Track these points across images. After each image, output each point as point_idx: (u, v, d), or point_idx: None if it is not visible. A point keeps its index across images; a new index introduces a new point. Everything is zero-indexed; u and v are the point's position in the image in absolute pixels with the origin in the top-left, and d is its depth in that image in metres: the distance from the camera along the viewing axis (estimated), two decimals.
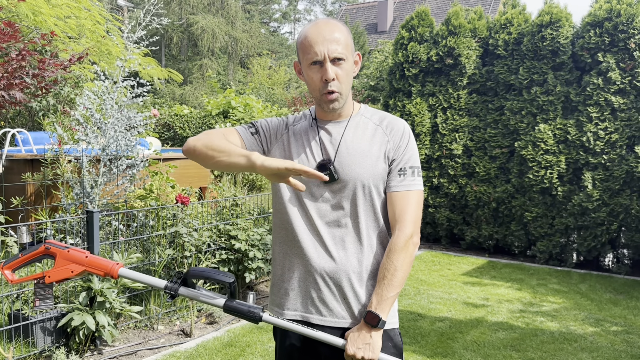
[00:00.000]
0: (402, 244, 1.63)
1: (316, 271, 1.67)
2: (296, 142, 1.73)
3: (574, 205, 6.35)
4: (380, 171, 1.68)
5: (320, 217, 1.67)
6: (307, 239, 1.68)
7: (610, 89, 6.12)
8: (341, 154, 1.68)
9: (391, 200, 1.68)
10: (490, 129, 6.93)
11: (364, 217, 1.66)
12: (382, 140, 1.71)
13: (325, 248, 1.67)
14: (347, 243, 1.67)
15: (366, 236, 1.67)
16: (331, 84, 1.61)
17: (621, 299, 5.33)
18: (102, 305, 3.77)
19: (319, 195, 1.67)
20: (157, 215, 4.46)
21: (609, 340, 4.24)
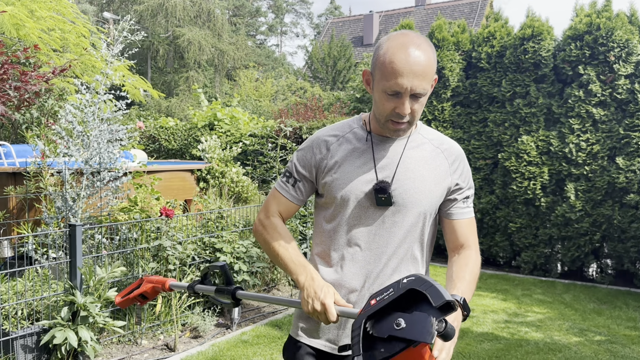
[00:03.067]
0: (478, 260, 1.62)
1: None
2: (346, 162, 1.61)
3: (558, 216, 6.41)
4: (437, 199, 1.61)
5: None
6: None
7: (592, 101, 6.22)
8: (399, 177, 1.58)
9: (457, 226, 1.63)
10: (474, 141, 7.00)
11: (411, 244, 1.59)
12: (443, 167, 1.62)
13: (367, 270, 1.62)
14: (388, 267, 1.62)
15: (410, 261, 1.60)
16: (405, 117, 1.52)
17: (605, 309, 5.37)
18: (85, 320, 3.72)
19: (368, 218, 1.60)
20: (141, 228, 4.42)
21: (592, 350, 4.27)
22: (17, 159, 6.59)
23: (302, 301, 1.48)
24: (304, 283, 1.50)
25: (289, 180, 1.69)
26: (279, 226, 1.66)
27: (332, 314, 1.41)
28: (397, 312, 1.21)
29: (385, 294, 1.23)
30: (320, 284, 1.48)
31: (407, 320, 1.18)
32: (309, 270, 1.54)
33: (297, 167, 1.67)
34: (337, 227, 1.61)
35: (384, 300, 1.22)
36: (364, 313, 1.22)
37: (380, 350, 1.18)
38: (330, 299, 1.43)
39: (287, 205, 1.70)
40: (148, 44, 29.24)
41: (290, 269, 1.58)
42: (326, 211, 1.64)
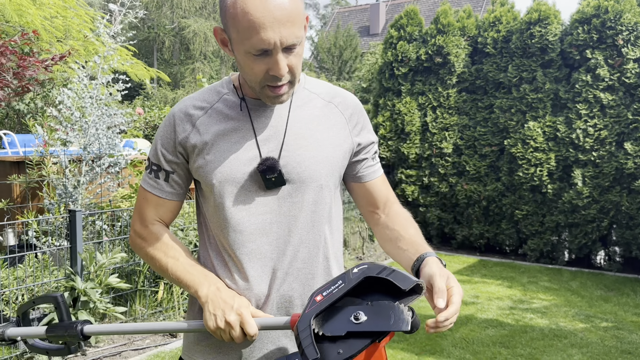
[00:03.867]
0: (403, 209, 1.43)
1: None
2: (219, 140, 1.28)
3: (564, 203, 6.33)
4: (340, 165, 1.34)
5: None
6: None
7: (599, 86, 6.12)
8: (289, 148, 1.28)
9: (374, 187, 1.42)
10: (480, 127, 6.91)
11: (319, 226, 1.31)
12: (339, 124, 1.35)
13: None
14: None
15: (322, 247, 1.33)
16: (283, 78, 1.20)
17: (612, 296, 5.30)
18: (85, 305, 3.71)
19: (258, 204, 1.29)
20: None
21: (599, 336, 4.21)
22: (20, 148, 6.60)
23: (207, 318, 1.20)
24: (208, 295, 1.22)
25: (159, 174, 1.33)
26: (161, 234, 1.34)
27: (252, 326, 1.16)
28: (350, 307, 1.06)
29: (333, 287, 1.07)
30: (230, 293, 1.22)
31: (368, 312, 1.04)
32: (211, 279, 1.26)
33: (165, 155, 1.32)
34: (224, 221, 1.28)
35: (334, 294, 1.06)
36: (311, 311, 1.04)
37: (338, 352, 1.00)
38: (246, 308, 1.19)
39: (166, 206, 1.35)
40: (154, 36, 29.22)
41: (187, 282, 1.27)
42: (207, 202, 1.32)
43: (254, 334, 1.17)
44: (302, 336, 1.02)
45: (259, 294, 1.27)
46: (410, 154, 7.36)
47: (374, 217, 1.44)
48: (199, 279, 1.27)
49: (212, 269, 1.32)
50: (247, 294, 1.27)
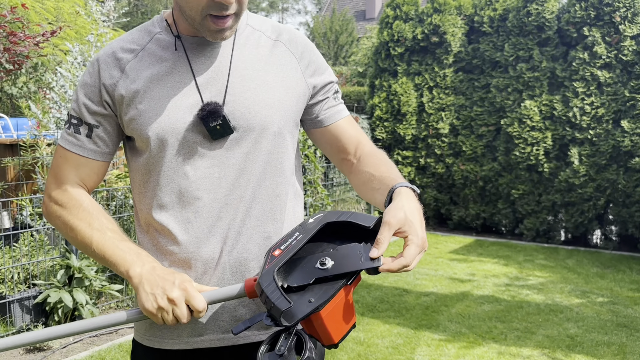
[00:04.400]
0: (377, 148, 1.27)
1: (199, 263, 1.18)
2: (153, 86, 1.13)
3: (561, 182, 6.33)
4: (293, 110, 1.20)
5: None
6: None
7: (596, 64, 6.09)
8: (234, 91, 1.14)
9: (340, 130, 1.26)
10: (477, 107, 6.88)
11: (273, 179, 1.18)
12: (290, 64, 1.20)
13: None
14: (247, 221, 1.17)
15: (278, 205, 1.19)
16: (230, 6, 1.05)
17: (608, 272, 5.32)
18: (80, 283, 3.70)
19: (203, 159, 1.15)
20: None
21: (594, 310, 4.23)
22: (14, 131, 6.55)
23: (143, 300, 1.02)
24: (142, 274, 1.05)
25: (80, 129, 1.15)
26: (83, 200, 1.15)
27: (199, 300, 1.02)
28: (313, 255, 1.00)
29: (290, 240, 1.00)
30: (167, 270, 1.07)
31: (334, 256, 0.97)
32: (144, 257, 1.09)
33: (88, 106, 1.14)
34: (163, 179, 1.13)
35: (293, 246, 0.98)
36: (272, 265, 0.96)
37: (309, 301, 0.93)
38: (189, 282, 1.04)
39: (89, 166, 1.16)
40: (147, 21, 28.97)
41: (115, 260, 1.08)
42: (141, 159, 1.16)
43: (203, 309, 1.02)
44: (268, 291, 0.93)
45: (208, 258, 1.12)
46: (407, 135, 7.33)
47: (347, 164, 1.28)
48: (131, 256, 1.08)
49: (151, 237, 1.17)
50: (195, 259, 1.13)
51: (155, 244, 1.16)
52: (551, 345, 3.57)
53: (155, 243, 1.16)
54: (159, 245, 1.16)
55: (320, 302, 0.92)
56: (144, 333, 1.19)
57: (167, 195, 1.13)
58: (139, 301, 1.04)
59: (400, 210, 1.02)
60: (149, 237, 1.17)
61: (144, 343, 1.20)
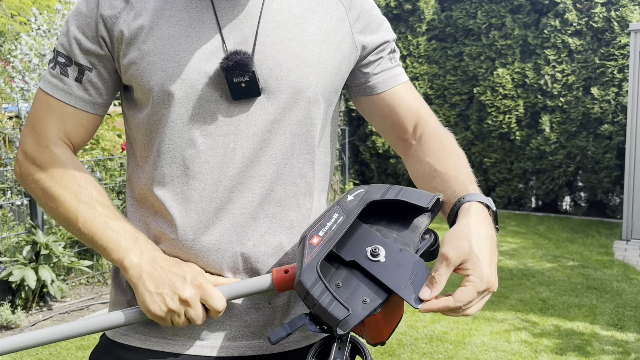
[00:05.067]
0: (450, 133, 1.03)
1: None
2: (163, 22, 0.89)
3: (532, 149, 6.39)
4: (337, 73, 0.96)
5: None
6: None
7: (567, 31, 6.10)
8: (264, 40, 0.90)
9: (397, 98, 1.01)
10: (450, 76, 6.86)
11: (301, 160, 0.94)
12: (337, 14, 0.96)
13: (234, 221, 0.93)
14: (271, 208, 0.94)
15: (303, 192, 0.96)
16: None
17: (578, 237, 5.42)
18: (48, 259, 3.59)
19: (220, 126, 0.91)
20: (104, 167, 4.25)
21: (565, 274, 4.30)
22: None
23: (147, 302, 0.84)
24: (141, 266, 0.86)
25: (69, 70, 0.92)
26: (68, 163, 0.92)
27: (218, 298, 0.84)
28: (357, 236, 0.83)
29: (329, 224, 0.83)
30: (172, 261, 0.88)
31: (388, 251, 0.80)
32: (142, 244, 0.89)
33: (80, 42, 0.91)
34: (164, 145, 0.91)
35: (335, 233, 0.81)
36: (313, 258, 0.79)
37: (364, 301, 0.77)
38: (203, 276, 0.87)
39: (76, 118, 0.94)
40: None
41: (106, 243, 0.88)
42: (141, 115, 0.93)
43: (222, 309, 0.85)
44: (316, 293, 0.76)
45: (212, 249, 0.90)
46: None
47: (403, 144, 1.04)
48: (126, 241, 0.88)
49: (144, 214, 0.95)
50: (195, 249, 0.90)
51: (148, 225, 0.94)
52: (524, 309, 3.63)
53: (147, 223, 0.94)
54: (151, 227, 0.93)
55: (378, 304, 0.77)
56: (128, 335, 0.94)
57: (167, 165, 0.90)
58: (140, 302, 0.85)
59: (465, 241, 0.80)
60: (142, 214, 0.95)
61: (122, 341, 0.94)
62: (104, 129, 4.34)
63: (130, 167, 0.98)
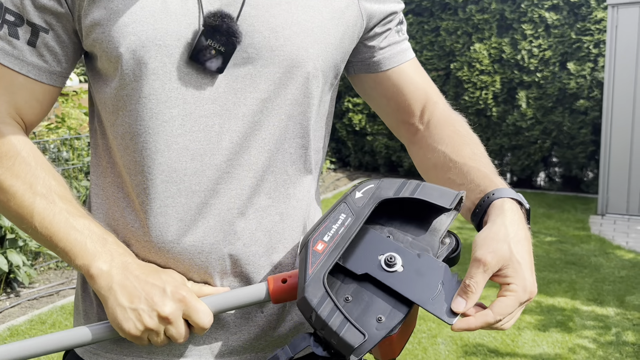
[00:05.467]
0: (453, 111, 0.93)
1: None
2: None
3: (509, 125, 6.38)
4: (340, 44, 0.82)
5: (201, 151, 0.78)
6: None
7: (544, 5, 6.05)
8: (256, 2, 0.76)
9: (404, 76, 0.89)
10: (427, 51, 6.77)
11: (293, 144, 0.81)
12: None
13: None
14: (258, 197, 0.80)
15: (295, 179, 0.83)
16: None
17: (554, 213, 5.45)
18: (14, 244, 3.42)
19: (199, 102, 0.76)
20: (71, 146, 4.06)
21: (544, 249, 4.31)
22: None
23: (120, 318, 0.71)
24: (112, 276, 0.72)
25: (19, 31, 0.76)
26: (20, 146, 0.78)
27: (204, 313, 0.72)
28: (368, 239, 0.72)
29: (335, 226, 0.71)
30: (148, 269, 0.75)
31: (405, 258, 0.69)
32: (111, 247, 0.75)
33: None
34: (136, 126, 0.76)
35: (342, 238, 0.69)
36: (319, 269, 0.68)
37: (379, 319, 0.66)
38: (185, 288, 0.74)
39: (29, 90, 0.79)
40: None
41: (68, 246, 0.74)
42: (108, 89, 0.77)
43: (208, 326, 0.73)
44: (325, 312, 0.65)
45: (195, 252, 0.76)
46: None
47: (408, 129, 0.92)
48: (93, 244, 0.73)
49: (110, 207, 0.80)
50: (174, 256, 0.76)
51: (116, 222, 0.79)
52: None
53: (115, 220, 0.79)
54: (120, 224, 0.79)
55: (397, 322, 0.66)
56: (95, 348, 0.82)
57: (139, 151, 0.75)
58: (111, 318, 0.72)
59: (504, 244, 0.70)
60: (108, 207, 0.80)
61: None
62: (69, 107, 4.14)
63: (96, 151, 0.83)
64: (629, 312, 3.20)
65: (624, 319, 3.12)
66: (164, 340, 0.73)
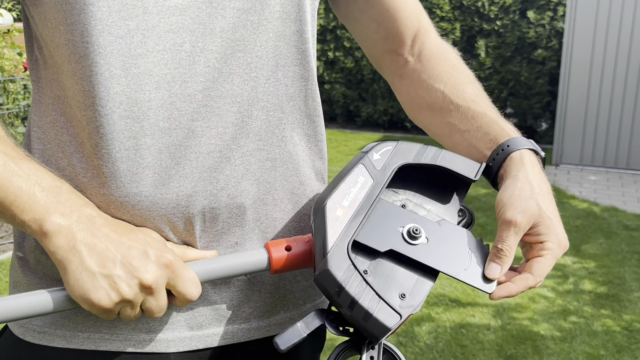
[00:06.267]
0: (444, 42, 0.83)
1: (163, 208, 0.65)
2: None
3: None
4: None
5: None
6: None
7: None
8: None
9: (389, 3, 0.78)
10: None
11: (287, 67, 0.69)
12: None
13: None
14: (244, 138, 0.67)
15: (295, 108, 0.70)
16: None
17: None
18: None
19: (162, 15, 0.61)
20: (4, 89, 3.72)
21: None
22: None
23: (86, 286, 0.56)
24: (74, 233, 0.57)
25: None
26: None
27: (192, 281, 0.60)
28: (387, 209, 0.63)
29: (354, 189, 0.62)
30: (120, 227, 0.60)
31: (429, 230, 0.62)
32: (68, 196, 0.60)
33: None
34: (88, 45, 0.59)
35: (364, 203, 0.61)
36: (341, 237, 0.58)
37: (402, 296, 0.58)
38: (168, 250, 0.61)
39: None
40: None
41: (12, 197, 0.57)
42: (46, 5, 0.61)
43: (196, 297, 0.61)
44: (352, 288, 0.56)
45: (173, 207, 0.63)
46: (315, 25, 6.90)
47: (396, 61, 0.82)
48: (44, 193, 0.58)
49: (57, 160, 0.64)
50: (141, 212, 0.62)
51: (62, 172, 0.64)
52: None
53: (62, 168, 0.64)
54: (67, 173, 0.63)
55: (420, 300, 0.59)
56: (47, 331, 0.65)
57: (90, 77, 0.59)
58: (72, 286, 0.56)
59: (531, 201, 0.64)
60: (52, 152, 0.64)
61: (37, 341, 0.66)
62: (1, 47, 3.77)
63: (39, 85, 0.66)
64: (584, 260, 3.25)
65: (581, 267, 3.16)
66: (138, 315, 0.60)
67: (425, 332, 2.51)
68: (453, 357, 2.33)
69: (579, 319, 2.63)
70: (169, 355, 0.67)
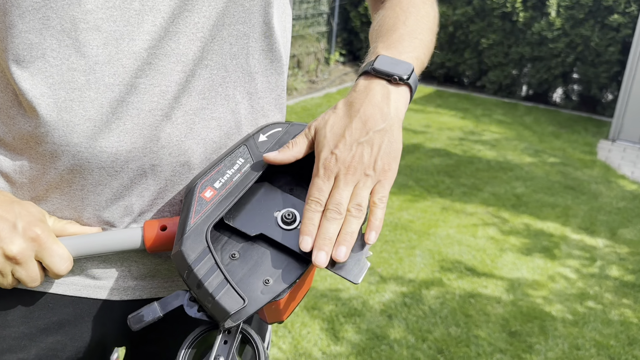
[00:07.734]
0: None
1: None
2: None
3: (533, 34, 5.94)
4: None
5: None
6: None
7: None
8: None
9: None
10: None
11: (232, 28, 0.66)
12: None
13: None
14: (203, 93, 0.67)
15: (242, 76, 0.69)
16: None
17: (563, 133, 5.21)
18: None
19: None
20: None
21: (544, 170, 4.15)
22: None
23: None
24: None
25: None
26: None
27: (61, 257, 0.62)
28: (264, 194, 0.61)
29: (230, 172, 0.61)
30: (3, 198, 0.63)
31: (299, 207, 0.60)
32: None
33: None
34: (37, 5, 0.58)
35: (236, 187, 0.60)
36: (202, 219, 0.57)
37: (266, 282, 0.57)
38: (42, 223, 0.62)
39: None
40: None
41: None
42: None
43: (65, 272, 0.62)
44: (201, 271, 0.55)
45: (111, 162, 0.63)
46: None
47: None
48: None
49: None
50: (79, 169, 0.63)
51: (5, 126, 0.64)
52: (496, 203, 3.49)
53: (4, 123, 0.64)
54: (11, 129, 0.64)
55: (284, 288, 0.56)
56: None
57: (34, 30, 0.59)
58: None
59: (341, 117, 0.62)
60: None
61: None
62: None
63: None
64: (618, 245, 3.10)
65: (612, 251, 3.02)
66: (12, 283, 0.63)
67: (432, 297, 2.48)
68: (455, 325, 2.31)
69: (596, 304, 2.54)
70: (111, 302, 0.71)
